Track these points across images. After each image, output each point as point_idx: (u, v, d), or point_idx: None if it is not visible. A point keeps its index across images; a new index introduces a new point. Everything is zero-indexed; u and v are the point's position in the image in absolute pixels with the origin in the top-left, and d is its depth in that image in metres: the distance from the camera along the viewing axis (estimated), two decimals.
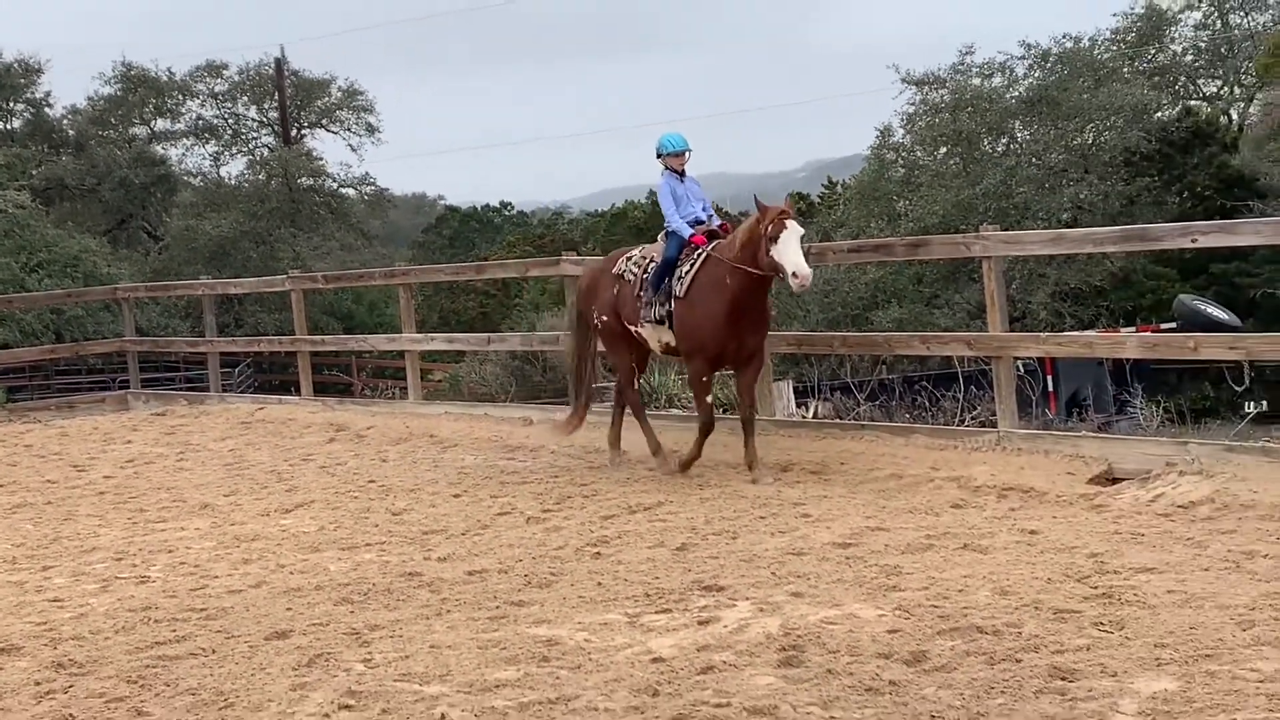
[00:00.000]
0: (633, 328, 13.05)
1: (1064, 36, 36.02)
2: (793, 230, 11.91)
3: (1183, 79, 38.65)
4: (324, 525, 11.52)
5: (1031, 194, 33.08)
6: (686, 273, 12.50)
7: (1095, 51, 36.23)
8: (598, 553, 9.71)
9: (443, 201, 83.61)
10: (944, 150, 35.97)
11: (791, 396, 21.39)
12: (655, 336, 12.93)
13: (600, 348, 14.22)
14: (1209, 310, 23.88)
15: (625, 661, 7.03)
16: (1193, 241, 13.31)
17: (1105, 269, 30.23)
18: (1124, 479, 11.11)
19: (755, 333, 12.75)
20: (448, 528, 11.04)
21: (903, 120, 37.14)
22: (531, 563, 9.51)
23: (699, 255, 12.54)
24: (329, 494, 13.07)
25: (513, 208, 74.05)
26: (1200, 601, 7.50)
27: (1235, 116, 37.65)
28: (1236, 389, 22.61)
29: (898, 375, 24.15)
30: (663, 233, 13.04)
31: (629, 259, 13.28)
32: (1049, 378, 21.87)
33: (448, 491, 12.77)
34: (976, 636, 7.03)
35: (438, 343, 24.72)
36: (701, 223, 12.96)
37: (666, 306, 12.57)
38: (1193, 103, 37.97)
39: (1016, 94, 35.62)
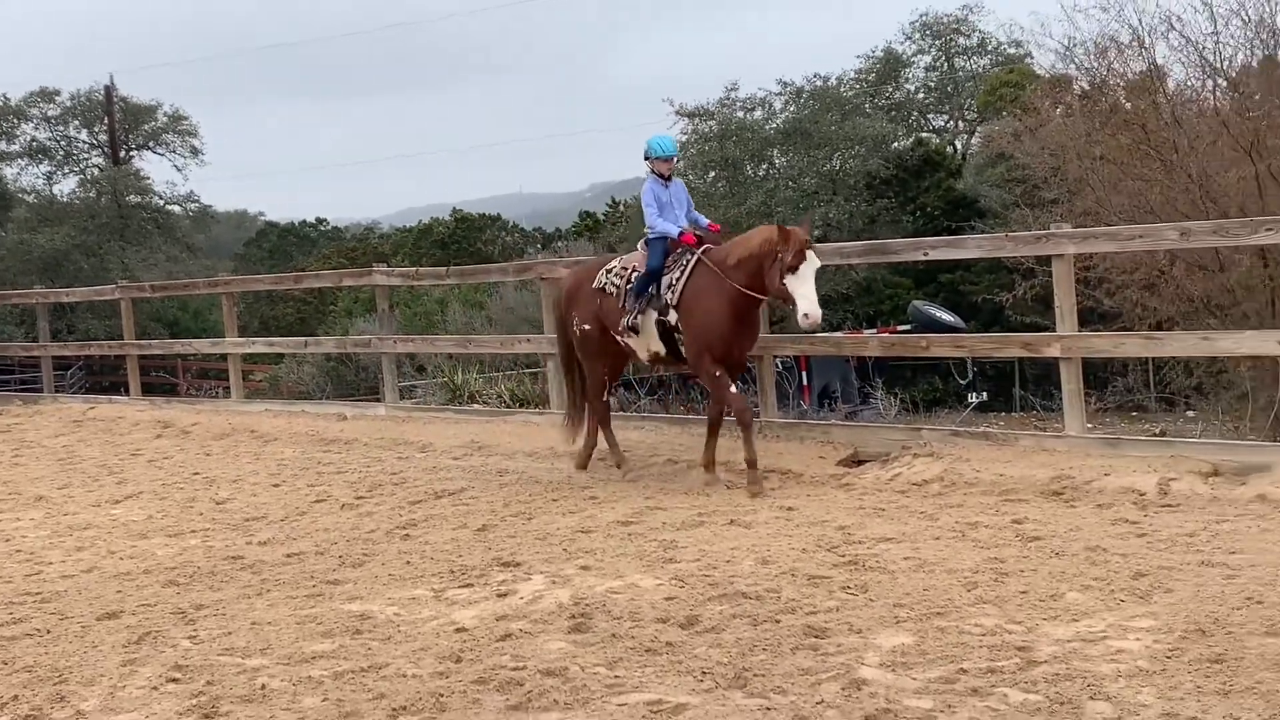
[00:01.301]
0: (619, 337, 11.45)
1: (815, 76, 36.84)
2: (811, 263, 10.39)
3: (915, 114, 39.60)
4: (152, 514, 11.19)
5: (788, 213, 33.52)
6: (678, 279, 10.94)
7: (841, 89, 37.06)
8: (406, 534, 9.62)
9: (263, 217, 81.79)
10: (713, 174, 36.48)
11: None
12: (643, 345, 11.38)
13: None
14: (938, 314, 24.48)
15: (431, 632, 6.99)
16: (924, 255, 13.69)
17: (851, 279, 30.81)
18: (867, 461, 11.37)
19: (750, 338, 11.33)
20: (268, 514, 10.83)
21: (680, 149, 37.49)
22: (346, 545, 9.38)
23: (689, 261, 10.99)
24: (157, 485, 12.69)
25: (328, 224, 72.82)
26: (932, 566, 7.71)
27: (960, 146, 38.67)
28: (961, 382, 23.22)
29: (673, 373, 24.36)
30: (642, 240, 11.47)
31: (609, 271, 11.55)
32: (804, 373, 22.20)
33: (268, 481, 12.53)
34: (742, 601, 7.13)
35: (258, 346, 24.41)
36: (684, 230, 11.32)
37: (654, 315, 11.03)
38: (924, 134, 38.93)
39: (775, 125, 36.27)
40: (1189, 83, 17.22)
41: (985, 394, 23.51)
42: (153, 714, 5.96)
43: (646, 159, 11.53)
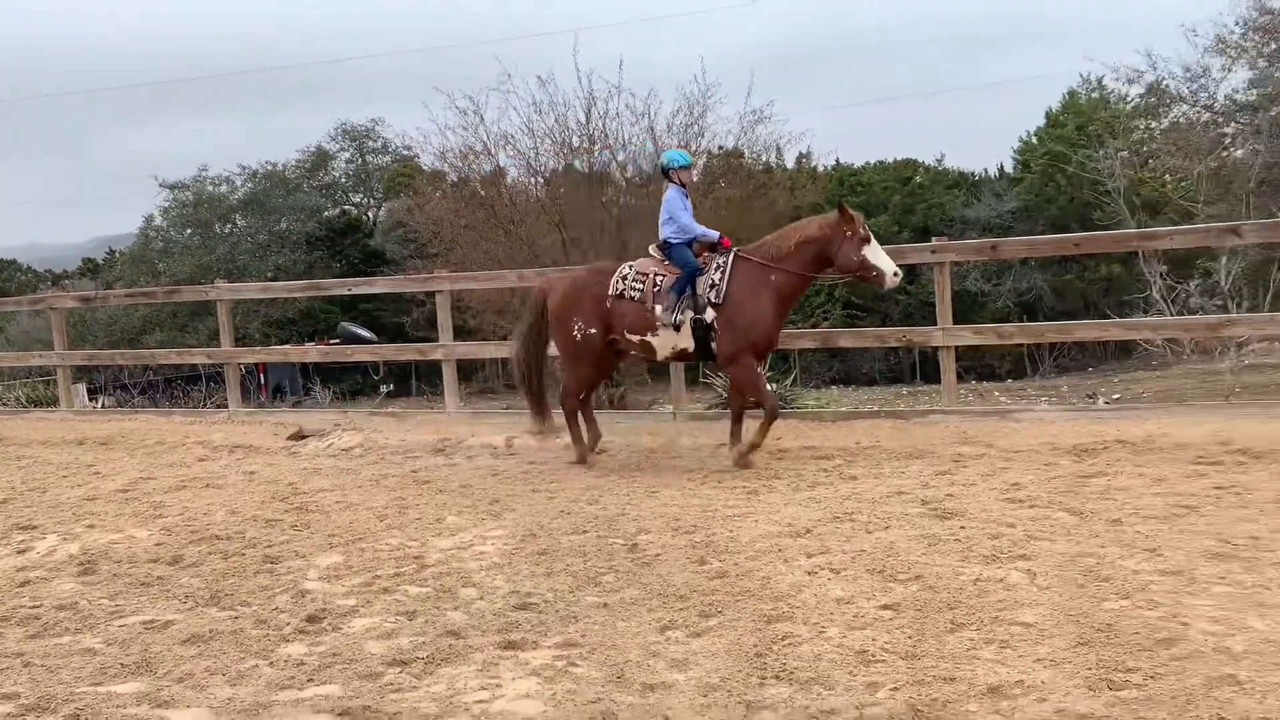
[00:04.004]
0: (636, 337, 8.65)
1: (267, 162, 35.96)
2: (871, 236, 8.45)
3: (340, 192, 38.92)
4: None
5: (248, 260, 32.52)
6: (720, 280, 8.41)
7: (286, 172, 36.17)
8: None
9: None
10: (189, 231, 34.86)
11: (85, 394, 19.74)
12: (669, 343, 8.58)
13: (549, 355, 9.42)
14: (359, 331, 24.34)
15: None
16: (349, 290, 13.55)
17: (296, 307, 29.94)
18: (309, 435, 11.06)
19: (780, 330, 8.81)
20: None
21: (161, 211, 35.74)
22: None
23: (726, 262, 8.47)
24: None
25: None
26: (356, 506, 7.61)
27: (372, 216, 38.45)
28: (375, 377, 23.13)
29: (160, 376, 22.92)
30: (655, 244, 8.80)
31: (624, 277, 8.71)
32: (262, 375, 21.39)
33: None
34: (216, 542, 6.74)
35: None
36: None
37: (692, 314, 8.41)
38: (347, 206, 38.38)
39: (237, 196, 35.09)
40: (520, 179, 18.00)
41: (392, 385, 23.53)
42: None
43: (670, 170, 8.88)
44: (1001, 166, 35.87)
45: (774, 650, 4.29)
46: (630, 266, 8.74)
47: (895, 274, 8.21)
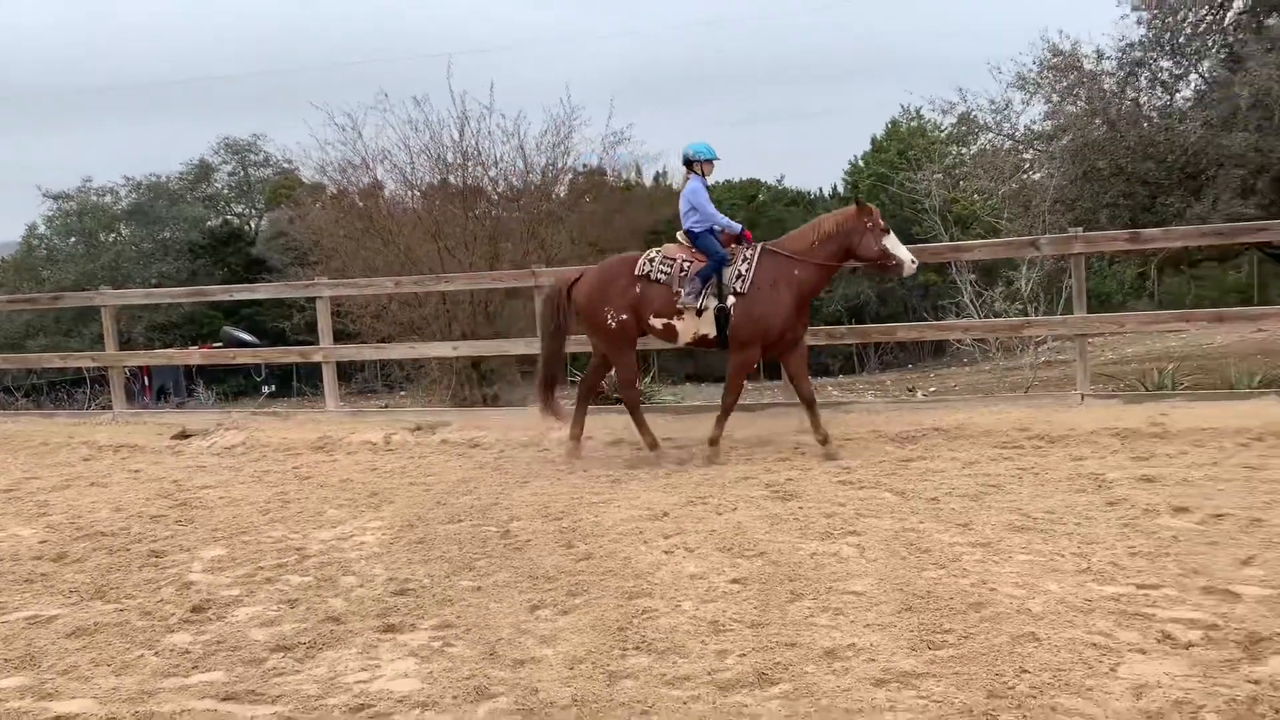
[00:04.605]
0: (660, 321, 8.09)
1: (152, 174, 34.40)
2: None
3: (223, 203, 37.37)
4: None
5: (133, 268, 31.04)
6: (746, 271, 7.95)
7: (170, 184, 34.65)
8: None
9: None
10: (73, 238, 33.07)
11: None
12: (691, 328, 8.06)
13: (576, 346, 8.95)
14: (242, 335, 23.52)
15: None
16: (231, 296, 13.12)
17: (180, 312, 28.70)
18: (193, 435, 10.62)
19: (803, 320, 8.24)
20: None
21: (45, 220, 33.86)
22: None
23: (752, 252, 8.04)
24: None
25: None
26: (239, 502, 7.35)
27: (254, 225, 37.10)
28: (258, 379, 22.38)
29: (44, 380, 21.70)
30: (682, 232, 8.24)
31: (651, 261, 8.14)
32: (146, 378, 20.43)
33: None
34: (101, 539, 6.41)
35: None
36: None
37: (717, 301, 7.92)
38: (229, 217, 36.93)
39: (121, 206, 33.57)
40: (398, 191, 17.64)
41: (275, 386, 22.79)
42: None
43: (693, 163, 8.25)
44: (835, 186, 36.93)
45: (634, 624, 4.31)
46: (657, 251, 8.22)
47: (913, 263, 7.96)
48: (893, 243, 7.93)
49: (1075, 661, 3.59)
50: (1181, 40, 11.51)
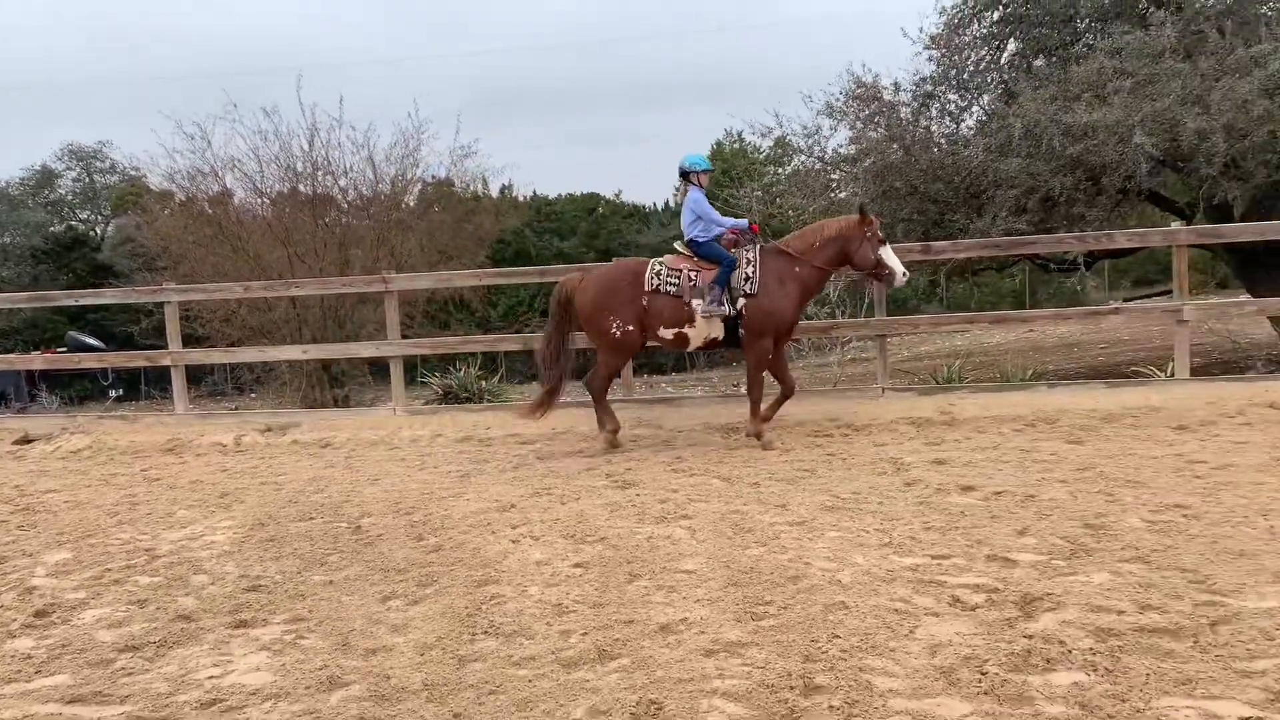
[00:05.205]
0: (671, 332, 7.76)
1: None
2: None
3: (67, 209, 34.87)
4: None
5: None
6: (752, 272, 7.68)
7: (10, 190, 32.08)
8: None
9: None
10: None
11: None
12: (703, 333, 7.77)
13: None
14: (87, 340, 21.96)
15: None
16: (75, 301, 12.15)
17: (21, 318, 26.58)
18: (36, 440, 9.86)
19: (798, 318, 8.12)
20: None
21: None
22: None
23: (753, 253, 7.77)
24: None
25: None
26: (85, 505, 6.86)
27: (100, 231, 34.74)
28: (104, 383, 20.94)
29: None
30: (682, 242, 7.94)
31: (657, 273, 7.78)
32: None
33: None
34: None
35: None
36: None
37: (736, 303, 7.67)
38: (74, 223, 34.45)
39: None
40: (248, 199, 16.85)
41: (122, 390, 21.39)
42: None
43: (690, 174, 8.01)
44: (667, 201, 37.44)
45: (483, 610, 4.24)
46: (660, 263, 7.89)
47: (904, 274, 7.75)
48: (888, 254, 7.77)
49: (879, 626, 3.74)
50: (966, 77, 12.20)
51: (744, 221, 8.02)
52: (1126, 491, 5.55)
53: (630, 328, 7.79)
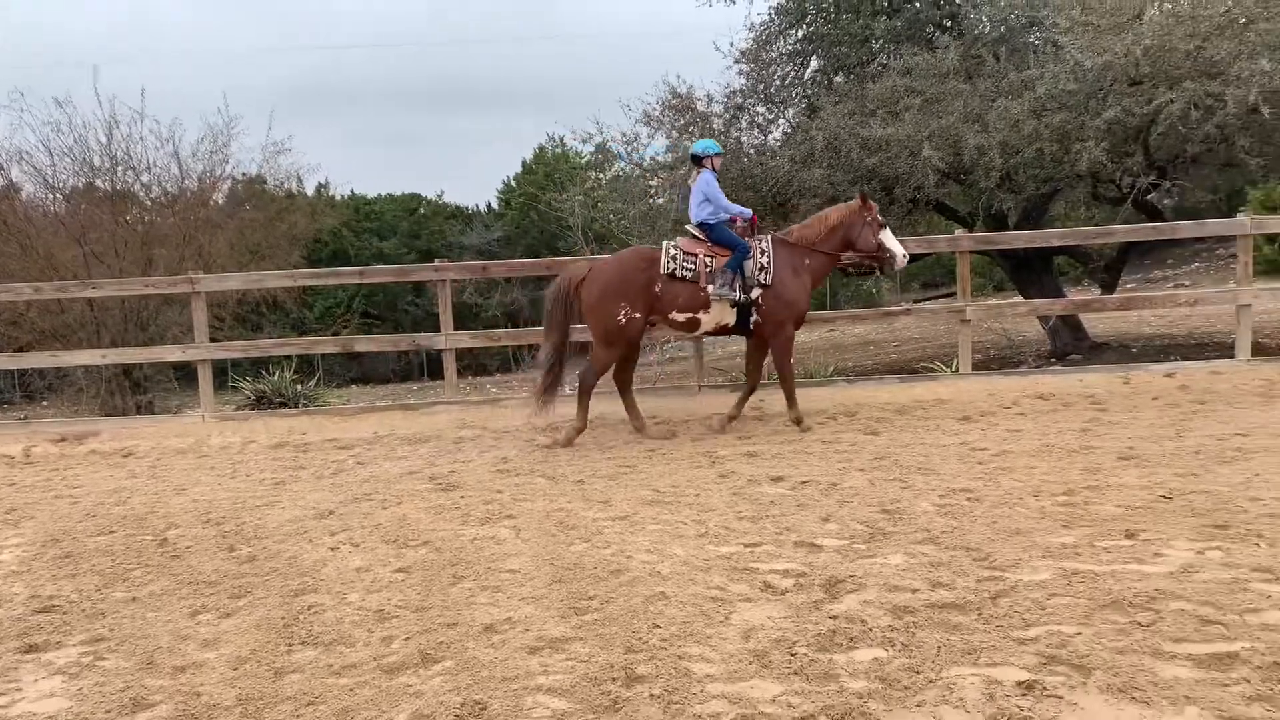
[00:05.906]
0: (684, 315, 7.63)
1: None
2: None
3: None
4: None
5: None
6: (767, 263, 7.63)
7: None
8: None
9: None
10: None
11: None
12: (715, 318, 7.66)
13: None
14: None
15: None
16: None
17: None
18: None
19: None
20: None
21: None
22: None
23: (766, 244, 7.72)
24: None
25: None
26: None
27: None
28: None
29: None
30: (693, 225, 7.77)
31: (673, 258, 7.61)
32: None
33: None
34: None
35: None
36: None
37: (750, 291, 7.59)
38: None
39: None
40: (38, 194, 15.47)
41: None
42: None
43: (703, 158, 7.85)
44: (490, 203, 37.04)
45: (300, 620, 4.07)
46: (675, 247, 7.72)
47: (904, 256, 7.86)
48: (888, 237, 7.88)
49: (697, 614, 3.83)
50: (773, 90, 12.69)
51: (749, 210, 8.03)
52: (918, 478, 5.92)
53: (637, 315, 7.64)
